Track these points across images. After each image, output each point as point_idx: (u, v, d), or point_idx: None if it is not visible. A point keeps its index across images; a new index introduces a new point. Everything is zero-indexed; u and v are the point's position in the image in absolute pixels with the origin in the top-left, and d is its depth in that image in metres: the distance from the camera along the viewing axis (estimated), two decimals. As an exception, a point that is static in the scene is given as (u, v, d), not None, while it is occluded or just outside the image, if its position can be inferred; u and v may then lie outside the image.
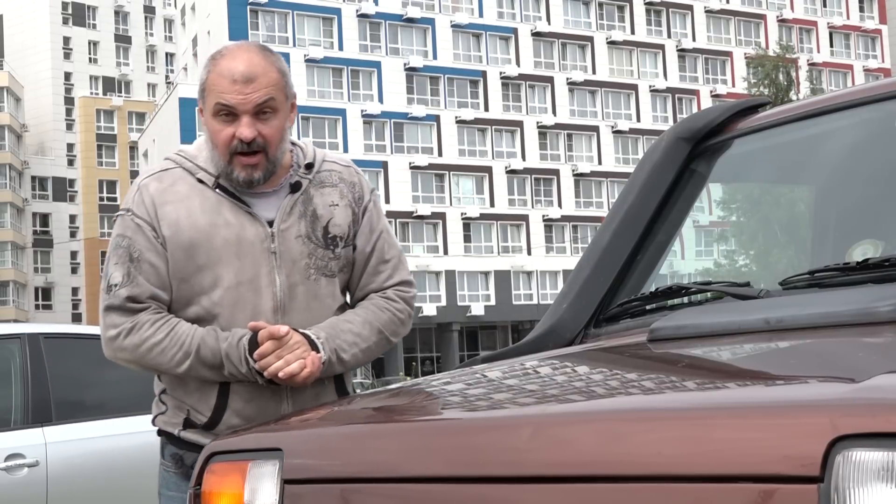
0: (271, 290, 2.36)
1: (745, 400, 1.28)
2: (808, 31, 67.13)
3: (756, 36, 64.92)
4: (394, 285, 2.51)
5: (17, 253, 78.43)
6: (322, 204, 2.43)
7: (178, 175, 2.41)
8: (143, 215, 2.37)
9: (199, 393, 2.39)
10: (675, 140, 2.34)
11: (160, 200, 2.37)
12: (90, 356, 5.86)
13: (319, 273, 2.40)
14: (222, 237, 2.35)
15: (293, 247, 2.38)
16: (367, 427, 1.72)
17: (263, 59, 2.34)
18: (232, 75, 2.29)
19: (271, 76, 2.33)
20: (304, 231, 2.40)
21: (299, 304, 2.38)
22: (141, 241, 2.36)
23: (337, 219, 2.44)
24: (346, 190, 2.48)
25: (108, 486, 5.38)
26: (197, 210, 2.36)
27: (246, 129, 2.29)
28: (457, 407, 1.78)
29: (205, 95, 2.35)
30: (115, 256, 2.38)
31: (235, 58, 2.32)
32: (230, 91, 2.29)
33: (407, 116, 55.68)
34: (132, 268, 2.35)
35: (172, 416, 2.46)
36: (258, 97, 2.29)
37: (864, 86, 2.18)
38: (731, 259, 3.22)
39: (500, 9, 59.69)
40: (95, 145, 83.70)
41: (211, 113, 2.33)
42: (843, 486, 1.03)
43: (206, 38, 56.62)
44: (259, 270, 2.35)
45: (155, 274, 2.36)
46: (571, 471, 1.25)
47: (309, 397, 2.39)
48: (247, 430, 1.94)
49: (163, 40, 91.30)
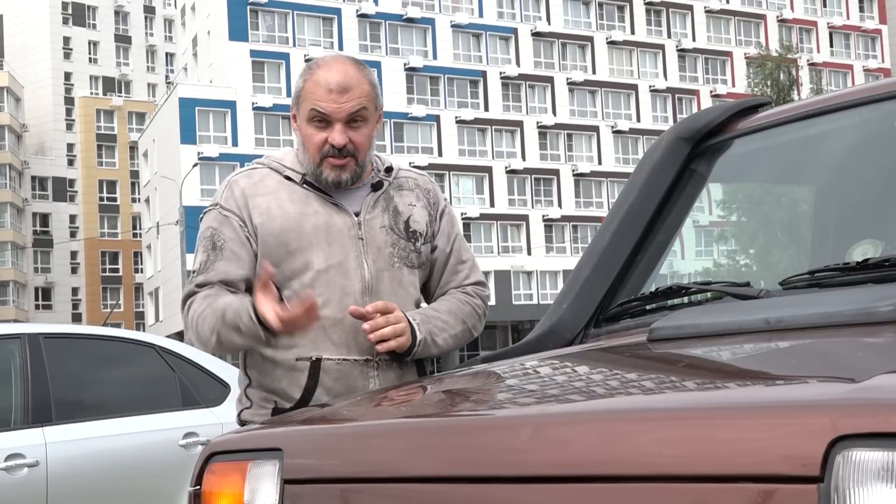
0: (360, 273, 2.50)
1: (745, 400, 1.28)
2: (808, 31, 67.13)
3: (756, 36, 64.92)
4: (472, 284, 2.72)
5: (17, 253, 78.45)
6: (402, 203, 2.61)
7: (265, 173, 2.58)
8: (233, 208, 2.53)
9: (289, 377, 2.49)
10: (675, 140, 2.34)
11: (251, 193, 2.53)
12: (90, 356, 5.88)
13: (402, 262, 2.56)
14: (312, 223, 2.50)
15: (378, 235, 2.54)
16: (367, 427, 1.72)
17: (357, 71, 2.51)
18: (328, 85, 2.46)
19: (364, 87, 2.49)
20: (387, 223, 2.56)
21: (385, 287, 2.52)
22: (227, 232, 2.52)
23: (416, 216, 2.61)
24: (422, 195, 2.66)
25: (108, 486, 5.38)
26: (286, 200, 2.52)
27: (338, 136, 2.46)
28: (457, 407, 1.78)
29: (300, 102, 2.51)
30: (200, 246, 2.55)
31: (332, 68, 2.49)
32: (326, 100, 2.46)
33: (407, 116, 55.69)
34: (212, 255, 2.52)
35: (259, 409, 2.54)
36: (351, 107, 2.46)
37: (864, 86, 2.18)
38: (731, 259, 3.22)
39: (500, 9, 59.69)
40: (95, 145, 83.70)
41: (305, 119, 2.50)
42: (843, 486, 1.03)
43: (206, 38, 56.63)
44: (348, 255, 2.50)
45: (236, 261, 2.51)
46: (571, 471, 1.25)
47: (394, 377, 2.51)
48: (247, 430, 1.94)
49: (163, 40, 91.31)
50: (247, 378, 2.60)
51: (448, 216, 2.70)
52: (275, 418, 2.22)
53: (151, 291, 61.50)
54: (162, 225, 54.78)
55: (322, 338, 2.48)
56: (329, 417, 1.93)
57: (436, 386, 2.01)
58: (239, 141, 52.24)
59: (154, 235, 58.60)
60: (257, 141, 52.43)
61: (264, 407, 2.54)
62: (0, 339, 5.58)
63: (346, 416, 1.91)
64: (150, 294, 62.40)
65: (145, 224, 62.80)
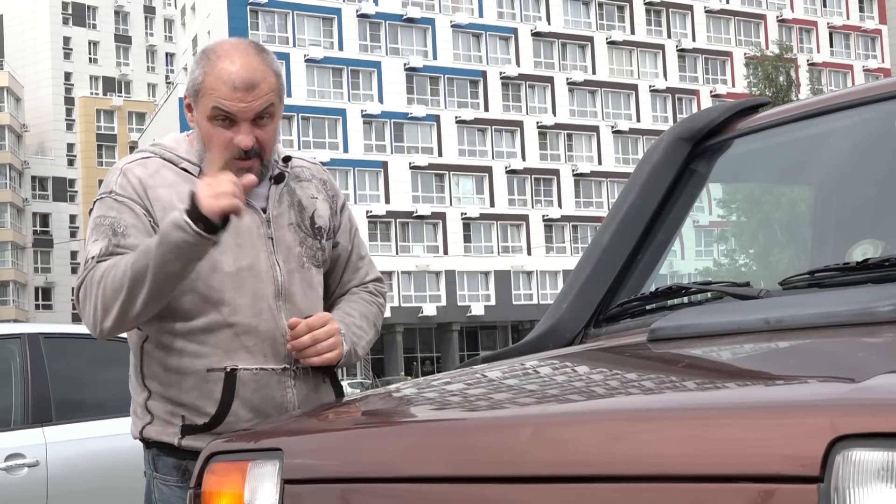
0: (272, 275, 2.32)
1: (745, 400, 1.28)
2: (807, 31, 67.14)
3: (756, 36, 64.93)
4: (372, 280, 2.56)
5: (17, 253, 78.44)
6: (304, 196, 2.43)
7: (159, 164, 2.34)
8: (131, 195, 2.27)
9: (199, 389, 2.27)
10: (675, 140, 2.34)
11: (150, 183, 2.29)
12: (90, 356, 5.87)
13: (311, 262, 2.39)
14: None
15: (286, 234, 2.36)
16: (367, 427, 1.72)
17: (262, 62, 2.28)
18: (233, 82, 2.23)
19: (270, 81, 2.27)
20: (294, 220, 2.39)
21: (297, 290, 2.35)
22: (126, 219, 2.26)
23: (320, 210, 2.44)
24: (321, 186, 2.49)
25: (108, 486, 5.38)
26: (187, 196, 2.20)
27: (246, 139, 2.24)
28: (457, 407, 1.78)
29: (199, 96, 2.27)
30: (96, 234, 2.28)
31: (234, 61, 2.25)
32: (231, 98, 2.22)
33: (407, 116, 55.69)
34: (113, 240, 2.24)
35: (165, 426, 2.30)
36: (259, 105, 2.24)
37: (864, 86, 2.17)
38: (731, 259, 3.22)
39: (500, 9, 59.70)
40: (95, 145, 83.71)
41: (206, 116, 2.26)
42: (843, 486, 1.03)
43: (206, 38, 56.59)
44: (258, 256, 2.31)
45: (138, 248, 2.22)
46: (571, 471, 1.24)
47: (311, 387, 2.35)
48: (247, 430, 1.94)
49: (163, 40, 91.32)
50: (145, 390, 2.33)
51: (348, 210, 2.54)
52: (275, 418, 2.21)
53: (151, 291, 61.42)
54: (162, 225, 54.68)
55: (235, 346, 2.27)
56: (329, 417, 1.93)
57: (436, 386, 2.00)
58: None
59: (154, 235, 58.52)
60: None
61: (171, 423, 2.29)
62: (0, 339, 5.58)
63: (345, 417, 1.91)
64: (150, 294, 62.31)
65: (145, 224, 62.71)
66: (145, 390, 2.34)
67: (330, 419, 1.92)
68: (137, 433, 2.36)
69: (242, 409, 2.27)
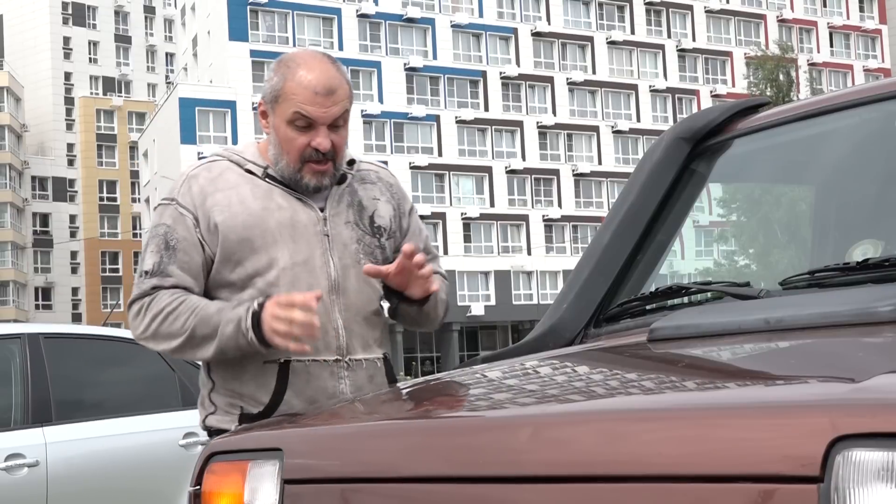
0: (326, 271, 2.44)
1: (745, 400, 1.28)
2: (808, 31, 67.11)
3: (756, 36, 64.90)
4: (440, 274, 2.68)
5: (17, 253, 78.42)
6: (366, 196, 2.55)
7: (225, 166, 2.50)
8: (189, 205, 2.43)
9: (257, 380, 2.42)
10: (675, 140, 2.34)
11: (210, 189, 2.44)
12: (90, 356, 5.88)
13: (367, 258, 2.49)
14: (276, 220, 2.43)
15: (343, 231, 2.48)
16: (367, 427, 1.72)
17: (337, 70, 2.44)
18: (314, 88, 2.37)
19: (345, 88, 2.43)
20: (352, 218, 2.51)
21: (352, 284, 2.46)
22: (180, 231, 2.43)
23: (381, 210, 2.56)
24: (385, 188, 2.61)
25: (108, 486, 5.38)
26: (248, 196, 2.43)
27: (324, 141, 2.39)
28: (457, 407, 1.78)
29: (278, 102, 2.41)
30: (153, 244, 2.45)
31: (313, 69, 2.40)
32: (312, 103, 2.37)
33: (407, 116, 55.68)
34: (165, 256, 2.42)
35: (224, 415, 2.46)
36: (337, 111, 2.40)
37: (864, 86, 2.17)
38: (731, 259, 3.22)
39: (500, 9, 59.67)
40: (95, 145, 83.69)
41: (285, 120, 2.40)
42: (843, 486, 1.03)
43: (206, 38, 56.61)
44: (313, 252, 2.43)
45: (188, 265, 2.42)
46: (571, 471, 1.24)
47: (364, 378, 2.46)
48: (247, 430, 1.94)
49: (163, 40, 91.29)
50: (210, 381, 2.50)
51: (416, 215, 2.68)
52: (275, 418, 2.21)
53: (151, 291, 61.41)
54: (162, 225, 54.68)
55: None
56: (329, 417, 1.93)
57: (436, 386, 2.00)
58: (239, 141, 52.17)
59: (154, 235, 58.50)
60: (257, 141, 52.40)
61: (230, 413, 2.45)
62: (0, 339, 5.58)
63: (346, 416, 1.91)
64: (150, 294, 62.30)
65: (145, 224, 62.78)
66: (210, 381, 2.50)
67: (330, 419, 1.92)
68: (202, 422, 2.52)
69: (295, 398, 2.40)
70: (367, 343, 2.48)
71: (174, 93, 54.07)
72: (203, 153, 50.22)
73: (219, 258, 2.42)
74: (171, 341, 2.40)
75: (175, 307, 2.38)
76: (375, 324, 2.52)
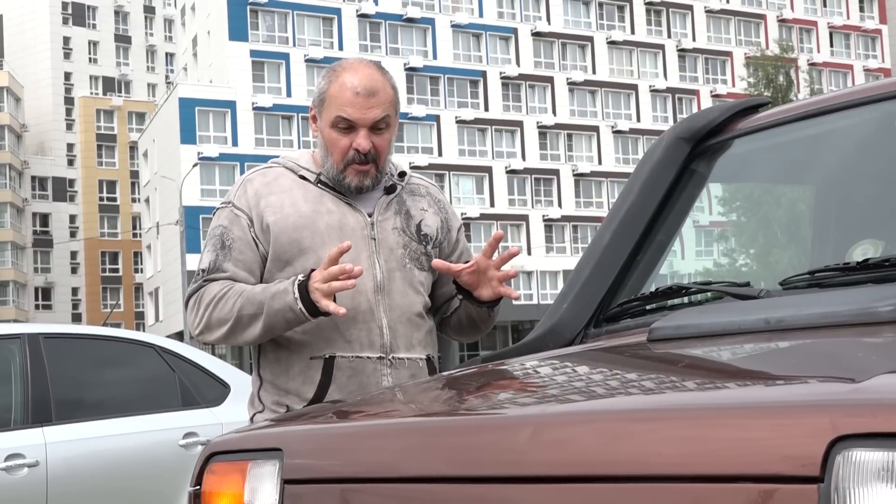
0: (372, 273, 2.54)
1: (745, 400, 1.28)
2: (808, 31, 67.12)
3: (756, 36, 64.92)
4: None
5: (17, 253, 78.44)
6: (414, 206, 2.66)
7: (280, 172, 2.62)
8: (244, 207, 2.56)
9: (303, 375, 2.51)
10: (675, 140, 2.34)
11: (265, 192, 2.56)
12: (90, 356, 5.87)
13: (413, 263, 2.60)
14: (325, 222, 2.54)
15: (390, 236, 2.59)
16: (367, 427, 1.72)
17: (382, 75, 2.56)
18: (354, 89, 2.49)
19: (388, 93, 2.54)
20: (399, 224, 2.61)
21: (398, 287, 2.56)
22: (236, 231, 2.55)
23: (428, 220, 2.66)
24: (433, 202, 2.72)
25: (108, 486, 5.38)
26: (300, 199, 2.55)
27: (363, 141, 2.50)
28: (457, 407, 1.78)
29: (324, 105, 2.54)
30: (210, 245, 2.58)
31: (357, 72, 2.52)
32: (352, 104, 2.49)
33: (407, 116, 55.67)
34: (220, 254, 2.55)
35: (271, 414, 2.54)
36: (377, 114, 2.51)
37: (864, 86, 2.17)
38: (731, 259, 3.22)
39: (500, 9, 59.69)
40: (95, 145, 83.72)
41: (329, 123, 2.52)
42: (843, 486, 1.03)
43: (206, 38, 56.62)
44: (360, 254, 2.53)
45: (242, 262, 2.54)
46: (571, 471, 1.24)
47: (406, 375, 2.54)
48: (247, 430, 1.94)
49: (163, 40, 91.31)
50: (259, 379, 2.61)
51: (463, 231, 2.79)
52: (275, 418, 2.21)
53: (151, 291, 61.49)
54: (162, 225, 54.77)
55: (335, 335, 2.51)
56: (329, 417, 1.93)
57: (436, 386, 2.00)
58: (239, 141, 52.25)
59: (154, 235, 58.59)
60: (257, 141, 52.45)
61: (276, 411, 2.53)
62: (0, 339, 5.58)
63: (345, 417, 1.91)
64: (149, 294, 62.39)
65: (145, 224, 62.80)
66: (259, 379, 2.61)
67: (330, 419, 1.91)
68: (250, 420, 2.60)
69: (338, 393, 2.48)
70: (410, 343, 2.57)
71: (174, 93, 54.07)
72: (203, 153, 50.28)
73: (270, 257, 2.54)
74: (222, 327, 2.50)
75: (224, 294, 2.50)
76: (419, 325, 2.60)
